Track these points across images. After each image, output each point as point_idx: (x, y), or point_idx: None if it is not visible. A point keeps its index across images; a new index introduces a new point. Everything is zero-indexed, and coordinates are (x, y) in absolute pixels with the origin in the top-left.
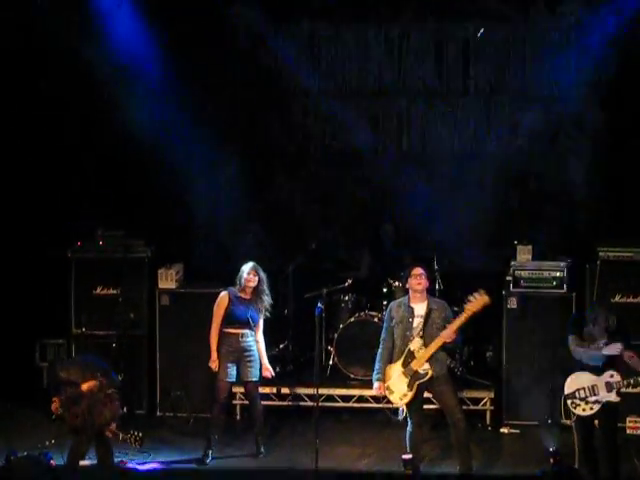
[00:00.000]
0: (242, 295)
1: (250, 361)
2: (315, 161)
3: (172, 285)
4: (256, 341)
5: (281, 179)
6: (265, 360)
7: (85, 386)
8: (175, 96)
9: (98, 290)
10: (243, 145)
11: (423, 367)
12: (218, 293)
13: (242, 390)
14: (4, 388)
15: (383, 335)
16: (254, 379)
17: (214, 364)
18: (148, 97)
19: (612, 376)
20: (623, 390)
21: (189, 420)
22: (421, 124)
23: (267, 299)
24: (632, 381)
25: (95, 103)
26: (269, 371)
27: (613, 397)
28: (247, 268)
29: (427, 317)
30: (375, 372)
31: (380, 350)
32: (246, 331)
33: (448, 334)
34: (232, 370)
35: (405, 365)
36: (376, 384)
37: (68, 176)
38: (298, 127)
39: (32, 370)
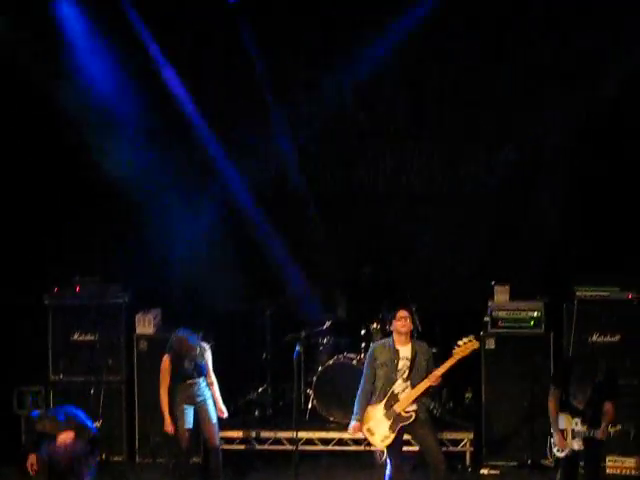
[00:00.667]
0: (182, 352)
1: (205, 404)
2: (293, 203)
3: (150, 330)
4: (210, 384)
5: (257, 222)
6: (219, 402)
7: (61, 437)
8: (153, 140)
9: (75, 336)
10: (221, 189)
11: (407, 409)
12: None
13: (232, 435)
14: None
15: (364, 377)
16: (212, 421)
17: (169, 428)
18: (126, 141)
19: (577, 424)
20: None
21: (169, 466)
22: (396, 166)
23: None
24: (592, 433)
25: (70, 147)
26: (223, 412)
27: (576, 445)
28: (174, 344)
29: (413, 360)
30: (354, 413)
31: (360, 391)
32: (198, 379)
33: (435, 378)
34: (189, 417)
35: (388, 407)
36: (353, 422)
37: (44, 222)
38: (275, 170)
39: (10, 418)
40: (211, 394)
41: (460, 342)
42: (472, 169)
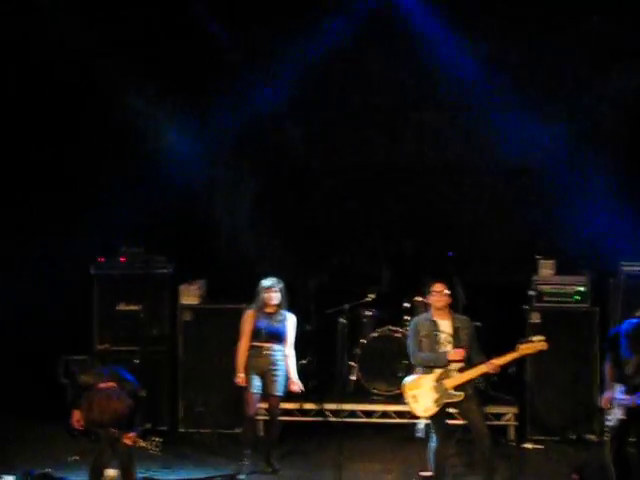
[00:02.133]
0: (266, 310)
1: (275, 375)
2: (336, 176)
3: (194, 301)
4: (285, 355)
5: (302, 195)
6: (294, 374)
7: (102, 385)
8: (197, 116)
9: (121, 306)
10: (265, 161)
11: (456, 388)
12: (240, 309)
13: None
14: (28, 405)
15: (412, 349)
16: (277, 393)
17: (239, 379)
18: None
19: (620, 393)
20: None
21: (212, 436)
22: (441, 138)
23: (289, 318)
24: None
25: (120, 127)
26: (297, 385)
27: (619, 414)
28: (263, 287)
29: (455, 335)
30: (428, 357)
31: (416, 354)
32: (273, 345)
33: (494, 367)
34: (258, 382)
35: (438, 381)
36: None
37: (91, 193)
38: (318, 142)
39: (56, 387)
40: (285, 367)
41: (529, 339)
42: (519, 142)
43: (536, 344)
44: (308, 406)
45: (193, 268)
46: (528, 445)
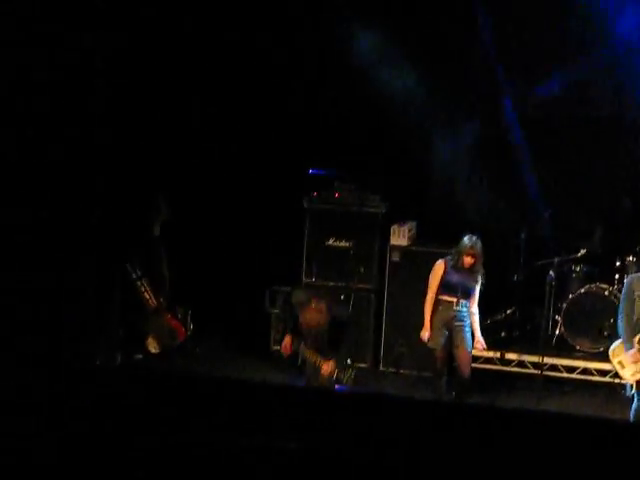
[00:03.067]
0: (458, 265)
1: (463, 332)
2: (556, 128)
3: (404, 242)
4: (471, 313)
5: (519, 145)
6: (478, 332)
7: (313, 305)
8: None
9: (330, 241)
10: (485, 106)
11: None
12: (448, 254)
13: (475, 353)
14: (234, 333)
15: (623, 307)
16: (467, 349)
17: (425, 333)
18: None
19: None
20: None
21: (410, 378)
22: None
23: (480, 277)
24: None
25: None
26: (481, 344)
27: None
28: (464, 248)
29: None
30: (626, 342)
31: (624, 322)
32: (462, 300)
33: None
34: (445, 338)
35: None
36: (631, 351)
37: (310, 129)
38: (539, 94)
39: (262, 316)
40: (470, 323)
41: None
42: None
43: None
44: (510, 356)
45: (405, 209)
46: None
